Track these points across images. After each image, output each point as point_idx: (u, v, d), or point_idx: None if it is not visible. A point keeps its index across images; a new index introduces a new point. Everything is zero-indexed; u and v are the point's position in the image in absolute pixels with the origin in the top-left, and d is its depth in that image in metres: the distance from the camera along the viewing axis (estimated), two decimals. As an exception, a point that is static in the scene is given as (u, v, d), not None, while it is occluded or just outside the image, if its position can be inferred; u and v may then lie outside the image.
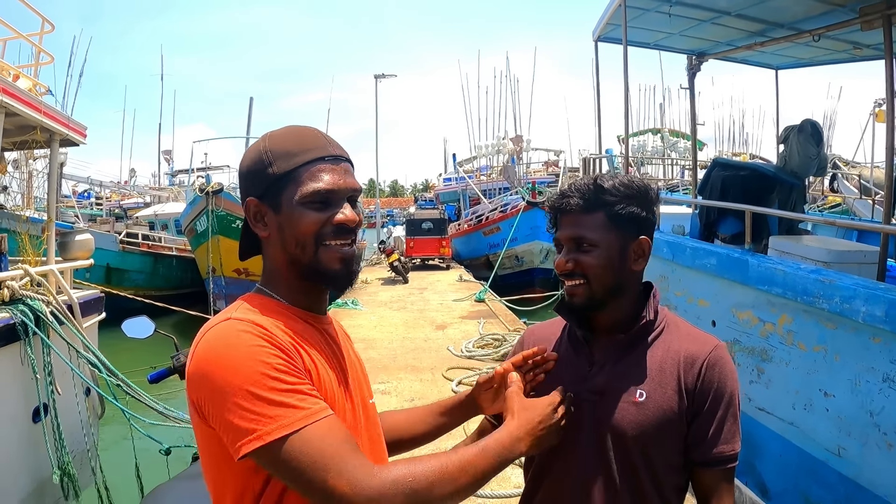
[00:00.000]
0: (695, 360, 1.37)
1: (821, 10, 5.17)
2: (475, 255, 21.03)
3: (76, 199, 28.37)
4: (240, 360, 1.03)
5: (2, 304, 4.33)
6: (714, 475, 1.36)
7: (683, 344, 1.41)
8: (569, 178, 27.49)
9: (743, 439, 1.43)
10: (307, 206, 1.18)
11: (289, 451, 0.99)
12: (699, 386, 1.36)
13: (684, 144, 31.23)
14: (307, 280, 1.23)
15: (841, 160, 15.50)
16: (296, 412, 1.01)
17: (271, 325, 1.12)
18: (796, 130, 5.66)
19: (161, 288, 17.20)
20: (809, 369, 3.42)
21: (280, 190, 1.19)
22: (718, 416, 1.35)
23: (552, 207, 1.49)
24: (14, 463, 4.23)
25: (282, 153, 1.20)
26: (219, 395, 1.02)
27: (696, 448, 1.36)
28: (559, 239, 1.47)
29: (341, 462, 0.99)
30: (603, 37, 6.84)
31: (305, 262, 1.20)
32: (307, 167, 1.19)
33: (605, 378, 1.41)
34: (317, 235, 1.19)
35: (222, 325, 1.11)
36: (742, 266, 3.98)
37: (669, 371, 1.38)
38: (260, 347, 1.05)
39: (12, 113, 4.68)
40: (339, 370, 1.23)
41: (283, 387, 1.02)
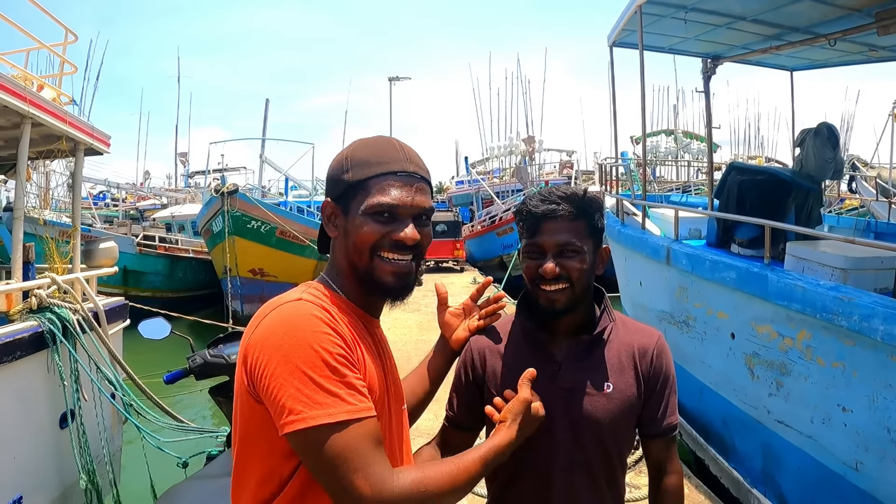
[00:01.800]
0: (646, 349, 1.57)
1: (837, 15, 5.15)
2: (489, 256, 21.00)
3: (92, 200, 28.64)
4: (305, 341, 1.08)
5: (30, 313, 4.41)
6: (664, 443, 1.60)
7: (634, 337, 1.59)
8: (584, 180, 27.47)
9: (762, 450, 1.54)
10: (371, 217, 1.22)
11: (325, 441, 1.04)
12: (651, 372, 1.56)
13: (697, 146, 31.05)
14: (363, 286, 1.28)
15: (860, 161, 15.34)
16: (343, 405, 1.06)
17: (336, 314, 1.18)
18: (812, 134, 5.64)
19: (178, 289, 17.37)
20: (828, 384, 3.42)
21: (352, 197, 1.24)
22: (666, 395, 1.58)
23: (535, 214, 1.51)
24: (42, 468, 4.30)
25: (359, 162, 1.24)
26: (277, 369, 1.06)
27: (650, 424, 1.58)
28: (541, 244, 1.50)
29: (368, 464, 1.04)
30: (618, 42, 6.85)
31: (361, 268, 1.25)
32: (378, 179, 1.23)
33: (573, 375, 1.53)
34: (373, 247, 1.23)
35: (294, 303, 1.16)
36: (762, 281, 3.97)
37: (627, 362, 1.55)
38: (325, 334, 1.10)
39: (38, 123, 4.76)
40: (382, 373, 1.27)
41: (337, 377, 1.07)
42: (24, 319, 4.34)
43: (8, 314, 4.36)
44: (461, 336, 1.68)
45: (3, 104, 4.33)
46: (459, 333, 1.69)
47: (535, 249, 1.52)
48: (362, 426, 1.06)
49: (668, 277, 5.56)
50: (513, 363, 1.58)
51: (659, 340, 1.60)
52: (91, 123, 5.89)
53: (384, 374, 1.28)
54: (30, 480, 4.14)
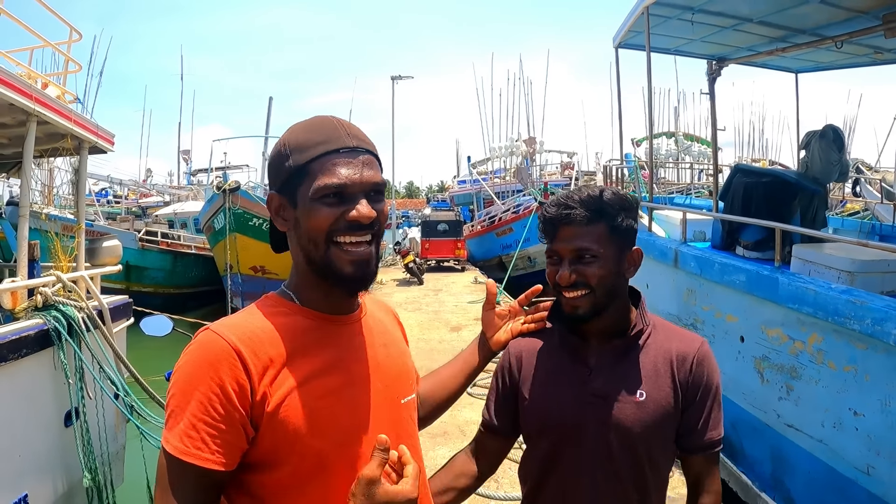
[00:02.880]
0: (685, 357, 1.48)
1: (843, 17, 5.15)
2: (488, 256, 21.04)
3: (95, 197, 28.64)
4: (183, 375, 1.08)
5: (35, 310, 4.41)
6: (704, 460, 1.50)
7: (673, 343, 1.50)
8: (585, 181, 27.45)
9: (772, 455, 1.50)
10: (320, 202, 1.13)
11: (161, 461, 1.07)
12: (691, 380, 1.46)
13: (698, 148, 30.97)
14: (322, 278, 1.19)
15: (864, 164, 15.33)
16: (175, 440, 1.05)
17: (252, 345, 1.10)
18: (818, 136, 5.63)
19: (180, 285, 17.38)
20: (839, 388, 3.40)
21: (297, 184, 1.15)
22: (707, 407, 1.47)
23: (550, 219, 1.48)
24: (47, 466, 4.30)
25: (297, 146, 1.16)
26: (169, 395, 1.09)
27: (688, 436, 1.48)
28: (558, 251, 1.47)
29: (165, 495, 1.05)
30: (624, 43, 6.85)
31: (317, 259, 1.17)
32: (320, 160, 1.14)
33: (605, 381, 1.47)
34: (328, 232, 1.14)
35: (203, 335, 1.13)
36: (772, 284, 3.96)
37: (663, 369, 1.47)
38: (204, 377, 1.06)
39: (44, 121, 4.75)
40: (344, 374, 1.19)
41: (191, 417, 1.05)
42: (29, 317, 4.35)
43: (13, 312, 4.36)
44: (502, 338, 1.66)
45: (9, 102, 4.32)
46: (501, 336, 1.66)
47: (553, 255, 1.49)
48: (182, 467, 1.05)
49: (675, 280, 5.55)
50: (547, 367, 1.55)
51: (701, 347, 1.51)
52: (95, 122, 5.89)
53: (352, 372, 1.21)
54: (35, 478, 4.14)
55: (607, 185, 7.88)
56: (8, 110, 4.57)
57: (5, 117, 4.79)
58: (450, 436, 5.55)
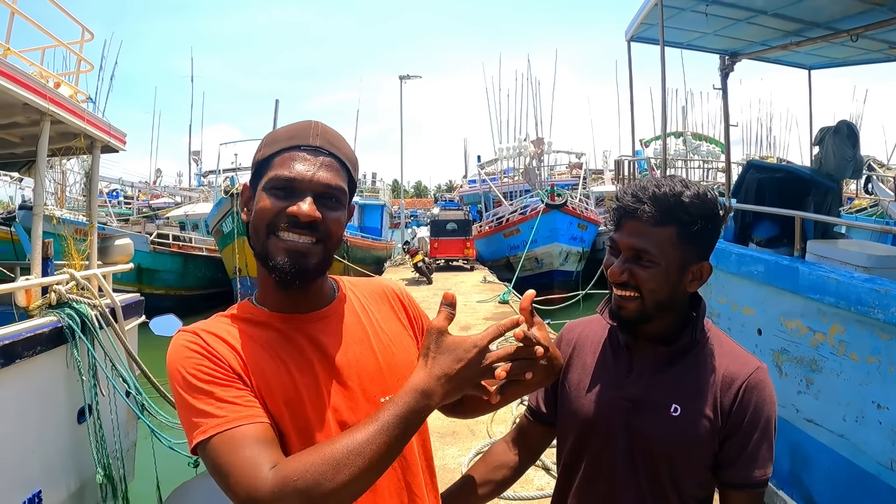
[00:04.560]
0: (734, 380, 1.32)
1: (859, 10, 5.08)
2: (496, 257, 20.99)
3: (107, 197, 28.81)
4: (173, 373, 1.11)
5: (49, 308, 4.43)
6: (743, 497, 1.33)
7: (724, 362, 1.35)
8: (592, 180, 27.35)
9: (790, 451, 1.42)
10: (268, 192, 1.15)
11: (206, 457, 1.04)
12: (735, 407, 1.30)
13: (707, 147, 30.87)
14: (268, 272, 1.18)
15: (876, 162, 15.23)
16: (212, 420, 1.04)
17: (214, 332, 1.15)
18: (832, 132, 5.58)
19: (191, 287, 17.45)
20: (862, 381, 3.31)
21: (259, 176, 1.19)
22: (754, 440, 1.30)
23: (620, 208, 1.34)
24: (61, 462, 4.32)
25: (269, 141, 1.20)
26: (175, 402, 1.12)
27: (727, 469, 1.32)
28: (618, 242, 1.34)
29: (239, 468, 0.99)
30: (636, 37, 6.79)
31: (257, 249, 1.17)
32: (281, 154, 1.16)
33: (642, 387, 1.37)
34: (269, 224, 1.14)
35: (174, 338, 1.17)
36: (792, 274, 3.86)
37: (706, 388, 1.33)
38: (188, 359, 1.10)
39: (57, 121, 4.78)
40: (308, 375, 1.16)
41: (203, 396, 1.06)
42: (43, 315, 4.38)
43: (28, 309, 4.39)
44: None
45: (23, 101, 4.35)
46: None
47: (613, 245, 1.36)
48: (236, 432, 1.03)
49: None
50: (592, 361, 1.47)
51: (755, 374, 1.33)
52: (107, 121, 5.91)
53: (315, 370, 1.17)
54: (48, 474, 4.16)
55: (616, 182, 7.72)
56: (22, 109, 4.60)
57: (19, 116, 4.81)
58: (459, 435, 5.52)
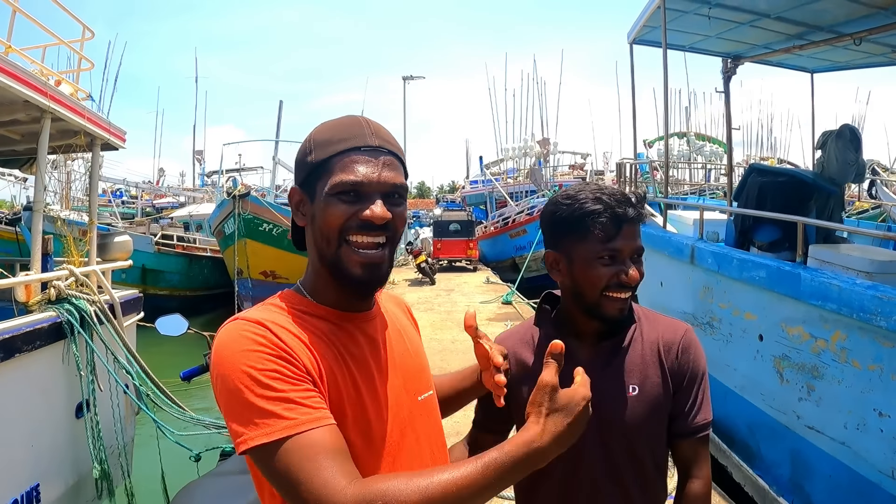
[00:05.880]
0: (671, 345, 1.48)
1: (862, 14, 5.09)
2: (501, 258, 20.99)
3: (111, 195, 28.88)
4: (235, 364, 1.03)
5: (48, 304, 4.45)
6: (693, 444, 1.49)
7: (658, 332, 1.51)
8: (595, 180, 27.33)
9: (791, 458, 1.45)
10: (335, 198, 1.13)
11: (268, 460, 0.98)
12: (678, 368, 1.47)
13: (710, 148, 30.87)
14: (334, 277, 1.18)
15: (880, 166, 15.16)
16: (280, 422, 0.99)
17: (281, 324, 1.10)
18: (835, 136, 5.56)
19: (195, 288, 17.49)
20: (864, 388, 3.29)
21: (316, 179, 1.16)
22: (695, 392, 1.48)
23: (616, 216, 1.39)
24: (59, 457, 4.34)
25: (321, 142, 1.16)
26: (221, 395, 1.04)
27: (676, 421, 1.48)
28: (622, 249, 1.39)
29: (313, 477, 0.95)
30: (639, 39, 6.80)
31: (329, 257, 1.16)
32: (341, 157, 1.14)
33: (598, 379, 1.36)
34: (341, 230, 1.13)
35: (228, 326, 1.10)
36: (794, 280, 3.84)
37: (651, 360, 1.47)
38: (253, 352, 1.03)
39: (57, 118, 4.79)
40: (365, 370, 1.17)
41: (271, 394, 1.00)
42: (42, 310, 4.40)
43: (27, 305, 4.41)
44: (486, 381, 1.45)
45: (24, 99, 4.36)
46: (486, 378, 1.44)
47: (611, 255, 1.39)
48: (306, 438, 0.98)
49: (691, 277, 5.46)
50: (538, 371, 1.49)
51: (686, 334, 1.50)
52: (108, 119, 5.92)
53: (371, 370, 1.18)
54: (46, 469, 4.17)
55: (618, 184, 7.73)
56: (23, 107, 4.61)
57: (20, 114, 4.83)
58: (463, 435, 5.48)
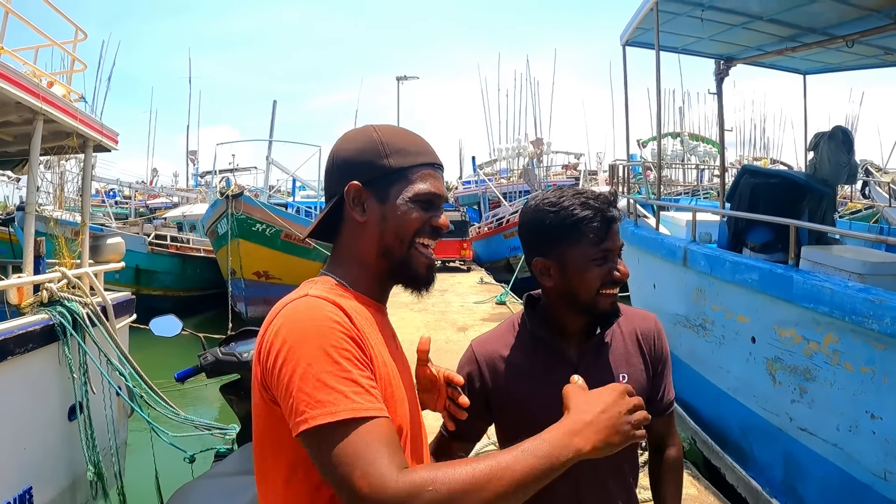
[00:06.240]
0: (648, 334, 1.62)
1: (855, 16, 5.10)
2: (496, 258, 20.95)
3: (104, 195, 28.79)
4: (309, 339, 1.03)
5: (41, 306, 4.43)
6: (666, 419, 1.67)
7: (634, 323, 1.63)
8: (589, 181, 27.43)
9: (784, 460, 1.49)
10: (417, 205, 1.24)
11: (326, 440, 0.97)
12: (654, 354, 1.62)
13: (704, 148, 30.93)
14: (392, 274, 1.28)
15: (873, 166, 15.23)
16: (346, 402, 0.98)
17: (350, 307, 1.14)
18: (827, 137, 5.57)
19: (189, 288, 17.36)
20: (856, 390, 3.30)
21: (392, 182, 1.24)
22: (665, 374, 1.65)
23: (608, 217, 1.47)
24: (52, 459, 4.32)
25: (398, 149, 1.25)
26: (283, 371, 1.02)
27: (653, 403, 1.61)
28: (612, 249, 1.49)
29: (370, 463, 0.95)
30: (631, 41, 6.81)
31: (399, 255, 1.25)
32: (421, 169, 1.26)
33: (591, 374, 1.41)
34: (416, 233, 1.25)
35: (300, 301, 1.12)
36: (786, 283, 3.84)
37: (633, 349, 1.59)
38: (331, 329, 1.05)
39: (49, 120, 4.77)
40: (398, 361, 1.26)
41: (341, 375, 1.01)
42: (35, 312, 4.39)
43: (19, 307, 4.40)
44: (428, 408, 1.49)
45: (16, 100, 4.35)
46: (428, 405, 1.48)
47: (604, 255, 1.47)
48: (367, 426, 0.98)
49: (684, 280, 5.46)
50: (530, 370, 1.55)
51: (657, 323, 1.66)
52: (100, 120, 5.91)
53: (399, 361, 1.26)
54: (39, 472, 4.16)
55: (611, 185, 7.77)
56: (15, 108, 4.60)
57: (12, 115, 4.81)
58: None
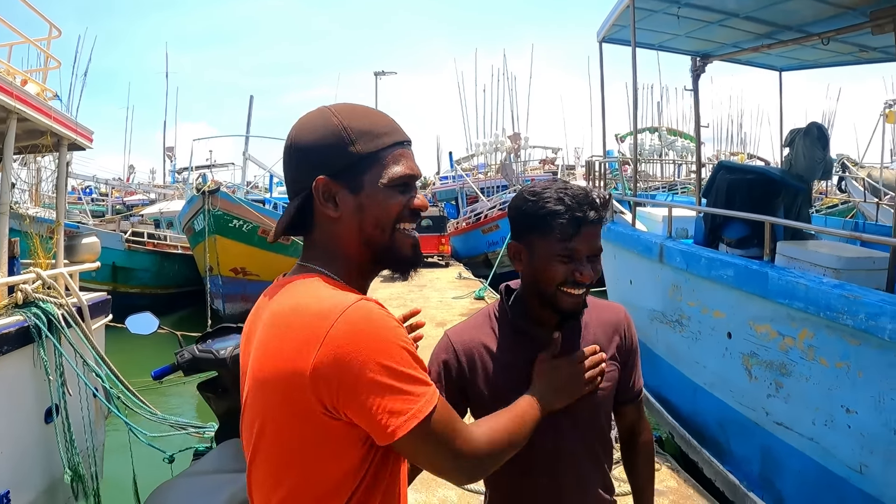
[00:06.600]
0: (618, 324, 1.66)
1: (830, 14, 5.15)
2: (474, 254, 20.94)
3: (80, 193, 28.37)
4: (388, 342, 1.04)
5: (15, 308, 4.36)
6: (637, 406, 1.73)
7: (604, 314, 1.67)
8: (567, 176, 27.51)
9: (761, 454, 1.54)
10: (394, 189, 1.17)
11: (423, 433, 1.04)
12: (625, 344, 1.66)
13: (682, 143, 31.19)
14: (377, 263, 1.22)
15: (849, 160, 15.42)
16: (429, 388, 1.07)
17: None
18: (802, 134, 5.64)
19: (167, 286, 17.17)
20: (831, 385, 3.33)
21: (362, 170, 1.15)
22: (635, 363, 1.69)
23: (576, 218, 1.45)
24: (29, 462, 4.28)
25: (363, 132, 1.15)
26: (365, 380, 1.00)
27: (625, 392, 1.68)
28: (579, 250, 1.46)
29: (461, 433, 1.12)
30: (608, 38, 6.83)
31: (382, 243, 1.18)
32: (391, 150, 1.17)
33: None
34: (397, 218, 1.18)
35: (354, 310, 1.04)
36: (761, 279, 3.86)
37: (604, 339, 1.62)
38: (399, 327, 1.08)
39: (23, 118, 4.69)
40: None
41: (415, 372, 1.06)
42: (9, 314, 4.32)
43: (-6, 309, 4.31)
44: None
45: (-11, 99, 4.27)
46: None
47: (568, 254, 1.47)
48: (440, 407, 1.09)
49: (660, 276, 5.49)
50: (506, 359, 1.58)
51: (626, 315, 1.71)
52: (74, 119, 5.83)
53: None
54: (16, 475, 4.12)
55: (588, 181, 7.73)
56: (-12, 107, 4.50)
57: (-15, 114, 4.71)
58: None
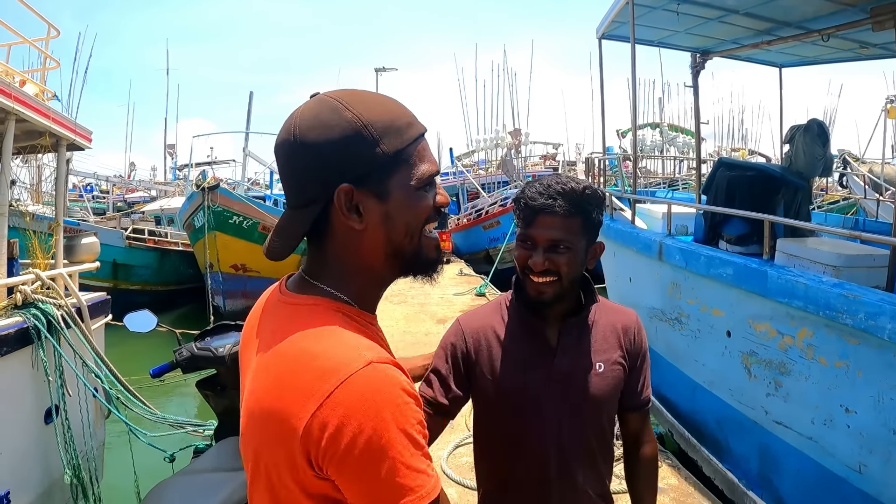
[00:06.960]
0: (628, 327, 1.67)
1: (830, 10, 5.13)
2: (475, 250, 20.90)
3: (81, 190, 28.37)
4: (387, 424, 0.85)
5: (14, 309, 4.36)
6: (643, 416, 1.73)
7: (615, 316, 1.68)
8: (568, 171, 27.47)
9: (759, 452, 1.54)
10: (423, 191, 1.01)
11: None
12: (632, 348, 1.66)
13: (683, 139, 31.14)
14: (403, 273, 1.07)
15: (850, 156, 15.39)
16: (428, 482, 0.88)
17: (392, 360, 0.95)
18: (802, 130, 5.62)
19: (167, 283, 17.18)
20: (830, 384, 3.33)
21: (391, 172, 0.97)
22: (643, 370, 1.69)
23: (531, 207, 1.52)
24: (29, 464, 4.28)
25: (386, 128, 0.96)
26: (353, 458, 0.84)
27: (630, 398, 1.68)
28: (534, 237, 1.52)
29: None
30: (607, 34, 6.81)
31: (410, 250, 1.02)
32: (415, 144, 1.00)
33: (569, 359, 1.59)
34: (427, 220, 1.03)
35: (367, 373, 0.88)
36: (761, 277, 3.85)
37: (612, 340, 1.64)
38: (407, 405, 0.89)
39: (22, 119, 4.68)
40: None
41: (420, 452, 0.89)
42: (8, 315, 4.30)
43: (-7, 310, 4.31)
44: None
45: (-13, 101, 4.25)
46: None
47: (527, 240, 1.55)
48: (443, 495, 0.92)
49: (660, 273, 5.47)
50: (511, 349, 1.61)
51: (637, 319, 1.71)
52: (73, 119, 5.82)
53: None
54: (17, 476, 4.11)
55: (588, 177, 7.71)
56: (-14, 109, 4.49)
57: (-17, 115, 4.70)
58: (456, 427, 5.41)
